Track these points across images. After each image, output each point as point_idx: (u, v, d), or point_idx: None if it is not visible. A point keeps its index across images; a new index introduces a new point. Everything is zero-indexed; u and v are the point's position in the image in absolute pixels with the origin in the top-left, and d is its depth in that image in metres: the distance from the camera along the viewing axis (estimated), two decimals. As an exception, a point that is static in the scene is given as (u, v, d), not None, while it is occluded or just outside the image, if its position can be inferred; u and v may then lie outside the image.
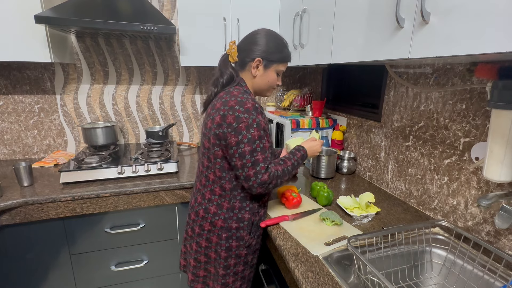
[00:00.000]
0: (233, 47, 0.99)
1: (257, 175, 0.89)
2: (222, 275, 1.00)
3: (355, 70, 1.73)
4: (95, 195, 1.31)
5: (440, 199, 1.09)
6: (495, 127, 0.76)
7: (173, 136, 2.08)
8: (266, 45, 0.96)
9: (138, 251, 1.49)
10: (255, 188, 0.91)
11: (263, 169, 0.90)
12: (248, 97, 0.92)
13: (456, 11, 0.62)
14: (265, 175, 0.90)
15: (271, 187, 0.94)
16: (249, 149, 0.88)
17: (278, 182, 0.95)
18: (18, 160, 1.73)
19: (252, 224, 1.01)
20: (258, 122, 0.89)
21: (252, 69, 0.98)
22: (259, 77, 0.99)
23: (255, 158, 0.89)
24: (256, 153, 0.89)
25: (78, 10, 1.31)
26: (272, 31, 1.00)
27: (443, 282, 0.92)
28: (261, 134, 0.90)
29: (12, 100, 1.69)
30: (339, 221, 1.03)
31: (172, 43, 1.89)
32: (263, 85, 1.02)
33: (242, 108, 0.88)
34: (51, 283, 1.38)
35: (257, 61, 0.96)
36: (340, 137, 1.68)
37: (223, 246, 0.98)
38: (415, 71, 1.17)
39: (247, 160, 0.88)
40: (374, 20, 0.90)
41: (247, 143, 0.87)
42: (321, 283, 0.76)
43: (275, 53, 0.97)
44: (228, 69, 0.99)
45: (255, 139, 0.88)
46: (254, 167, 0.89)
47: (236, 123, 0.87)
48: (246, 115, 0.87)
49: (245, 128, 0.87)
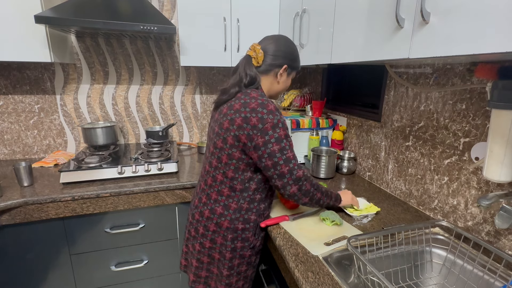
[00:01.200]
0: (260, 51, 0.98)
1: (291, 172, 0.89)
2: (226, 275, 1.00)
3: (355, 70, 1.73)
4: (95, 195, 1.31)
5: (440, 199, 1.09)
6: (495, 127, 0.76)
7: (173, 136, 2.08)
8: (292, 53, 1.01)
9: (138, 251, 1.49)
10: (289, 186, 0.90)
11: (296, 166, 0.90)
12: (268, 99, 0.94)
13: (456, 11, 0.62)
14: (299, 171, 0.90)
15: (304, 190, 0.92)
16: (278, 148, 0.88)
17: (311, 190, 0.94)
18: (18, 160, 1.73)
19: (257, 225, 1.02)
20: (282, 121, 0.91)
21: (278, 75, 1.01)
22: (282, 83, 1.04)
23: (286, 156, 0.89)
24: (286, 151, 0.89)
25: (78, 10, 1.31)
26: (290, 39, 1.04)
27: (443, 282, 0.92)
28: (287, 133, 0.91)
29: (12, 100, 1.69)
30: (339, 221, 1.03)
31: (172, 43, 1.89)
32: (281, 90, 1.07)
33: (265, 109, 0.89)
34: (51, 283, 1.38)
35: (284, 68, 1.00)
36: (340, 137, 1.68)
37: (228, 247, 0.98)
38: (415, 71, 1.17)
39: (278, 158, 0.88)
40: (374, 20, 0.90)
41: (275, 142, 0.88)
42: (321, 283, 0.76)
43: (297, 61, 1.04)
44: (252, 70, 0.99)
45: (282, 138, 0.89)
46: (287, 164, 0.89)
47: (261, 124, 0.88)
48: (270, 116, 0.88)
49: (271, 128, 0.88)
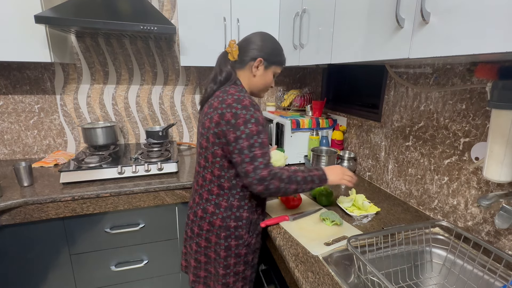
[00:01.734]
0: (234, 46, 1.01)
1: (255, 171, 0.86)
2: (222, 275, 1.00)
3: (355, 70, 1.73)
4: (95, 195, 1.31)
5: (440, 199, 1.09)
6: (495, 127, 0.76)
7: (173, 136, 2.08)
8: (269, 47, 1.00)
9: (138, 251, 1.49)
10: (254, 185, 0.87)
11: (262, 164, 0.87)
12: (245, 94, 0.93)
13: (456, 11, 0.62)
14: (264, 170, 0.87)
15: (273, 188, 0.89)
16: (247, 144, 0.87)
17: (281, 186, 0.89)
18: (18, 160, 1.73)
19: (251, 222, 1.01)
20: (256, 117, 0.89)
21: (252, 68, 1.00)
22: (259, 77, 1.02)
23: (254, 153, 0.87)
24: (254, 148, 0.87)
25: (78, 10, 1.31)
26: (270, 35, 1.04)
27: (443, 282, 0.92)
28: (259, 129, 0.89)
29: (12, 100, 1.69)
30: (339, 221, 1.03)
31: (172, 43, 1.89)
32: (260, 85, 1.04)
33: (240, 105, 0.89)
34: (51, 283, 1.38)
35: (258, 61, 0.98)
36: (340, 137, 1.68)
37: (222, 246, 0.98)
38: (415, 71, 1.17)
39: (245, 155, 0.87)
40: (374, 20, 0.90)
41: (245, 138, 0.87)
42: (321, 283, 0.76)
43: (276, 55, 1.01)
44: (227, 66, 1.01)
45: (253, 134, 0.87)
46: (252, 162, 0.87)
47: (234, 119, 0.88)
48: (244, 111, 0.88)
49: (243, 124, 0.87)
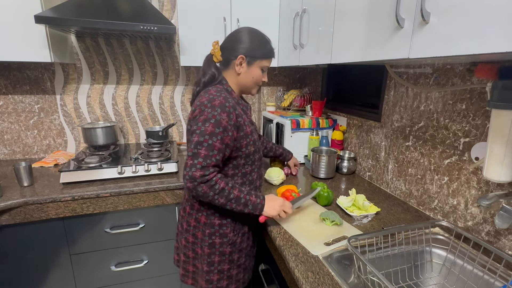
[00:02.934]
0: (216, 47, 1.01)
1: (191, 167, 0.86)
2: (206, 271, 1.01)
3: (355, 70, 1.73)
4: (95, 195, 1.31)
5: (440, 199, 1.09)
6: (495, 127, 0.76)
7: (173, 136, 2.08)
8: (249, 42, 0.98)
9: (138, 251, 1.49)
10: (185, 180, 0.87)
11: (199, 165, 0.86)
12: (223, 94, 0.93)
13: (456, 11, 0.62)
14: (198, 171, 0.85)
15: (200, 191, 0.87)
16: (196, 140, 0.87)
17: (209, 193, 0.88)
18: (18, 160, 1.73)
19: (236, 221, 1.02)
20: (218, 119, 0.87)
21: (236, 67, 0.99)
22: (243, 74, 1.00)
23: (198, 151, 0.86)
24: (200, 146, 0.86)
25: (78, 10, 1.31)
26: (254, 28, 1.02)
27: (443, 282, 0.92)
28: (214, 131, 0.87)
29: (12, 100, 1.69)
30: (339, 221, 1.03)
31: (172, 43, 1.89)
32: (248, 82, 1.02)
33: (210, 103, 0.89)
34: (51, 283, 1.38)
35: (240, 58, 0.97)
36: (340, 137, 1.68)
37: (206, 242, 1.00)
38: (415, 71, 1.17)
39: (190, 149, 0.88)
40: (374, 20, 0.90)
41: (198, 134, 0.87)
42: (321, 283, 0.76)
43: (258, 49, 0.98)
44: (211, 69, 1.01)
45: (205, 133, 0.87)
46: (192, 158, 0.86)
47: (199, 115, 0.89)
48: (208, 110, 0.88)
49: (202, 121, 0.88)
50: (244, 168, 1.01)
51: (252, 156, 1.02)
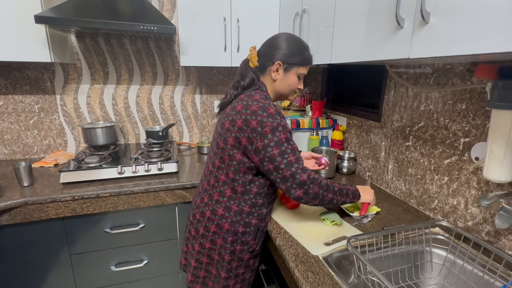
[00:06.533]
0: (253, 52, 0.98)
1: (294, 176, 0.86)
2: (224, 277, 1.00)
3: (355, 70, 1.73)
4: (95, 195, 1.31)
5: (440, 199, 1.09)
6: (495, 127, 0.76)
7: (173, 136, 2.08)
8: (287, 48, 0.96)
9: (138, 251, 1.49)
10: (294, 190, 0.86)
11: (299, 169, 0.86)
12: (270, 102, 0.92)
13: (456, 11, 0.62)
14: (303, 174, 0.86)
15: (311, 193, 0.88)
16: (278, 152, 0.85)
17: (320, 192, 0.89)
18: (18, 160, 1.73)
19: (258, 229, 1.00)
20: (283, 125, 0.87)
21: (272, 73, 0.97)
22: (279, 81, 0.99)
23: (287, 159, 0.86)
24: (286, 154, 0.86)
25: (78, 10, 1.31)
26: (292, 34, 1.00)
27: (443, 282, 0.92)
28: (288, 137, 0.87)
29: (12, 100, 1.69)
30: (339, 221, 1.03)
31: (172, 43, 1.89)
32: (284, 89, 1.01)
33: (266, 113, 0.86)
34: (51, 283, 1.38)
35: (277, 65, 0.96)
36: (340, 137, 1.68)
37: (227, 250, 0.97)
38: (415, 71, 1.17)
39: (279, 162, 0.86)
40: (374, 20, 0.90)
41: (275, 146, 0.85)
42: (321, 283, 0.76)
43: (295, 56, 0.96)
44: (249, 72, 0.98)
45: (282, 142, 0.86)
46: (288, 168, 0.85)
47: (260, 127, 0.86)
48: (270, 119, 0.86)
49: (271, 132, 0.85)
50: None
51: None
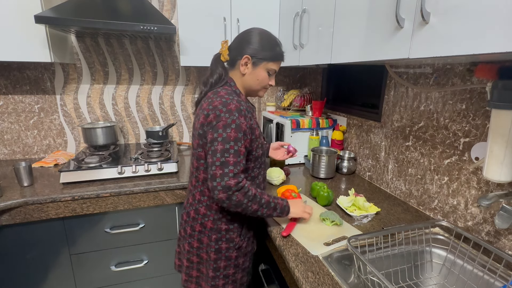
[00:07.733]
0: (225, 46, 0.98)
1: (223, 177, 0.83)
2: (211, 277, 0.99)
3: (355, 70, 1.73)
4: (95, 195, 1.31)
5: (440, 199, 1.09)
6: (495, 127, 0.76)
7: (173, 136, 2.08)
8: (257, 43, 0.95)
9: (138, 251, 1.49)
10: (217, 191, 0.84)
11: (231, 173, 0.83)
12: (235, 98, 0.91)
13: (456, 11, 0.62)
14: (232, 180, 0.83)
15: (234, 200, 0.85)
16: (221, 148, 0.84)
17: (243, 201, 0.86)
18: (18, 160, 1.73)
19: (243, 226, 1.01)
20: (238, 123, 0.86)
21: (240, 67, 0.96)
22: (248, 75, 0.97)
23: (226, 159, 0.84)
24: (228, 154, 0.84)
25: (78, 10, 1.31)
26: (264, 30, 0.99)
27: (443, 282, 0.92)
28: (237, 136, 0.85)
29: (12, 100, 1.69)
30: (339, 221, 1.03)
31: (172, 43, 1.89)
32: (253, 84, 0.99)
33: (225, 108, 0.86)
34: (51, 283, 1.38)
35: (245, 58, 0.94)
36: (340, 137, 1.68)
37: (212, 248, 0.97)
38: (415, 71, 1.17)
39: (216, 158, 0.84)
40: (374, 20, 0.90)
41: (221, 142, 0.84)
42: (321, 283, 0.76)
43: (265, 51, 0.95)
44: (218, 68, 0.99)
45: (229, 140, 0.84)
46: (222, 167, 0.83)
47: (215, 121, 0.86)
48: (226, 115, 0.85)
49: (222, 127, 0.85)
50: (253, 172, 1.00)
51: (260, 159, 1.01)
